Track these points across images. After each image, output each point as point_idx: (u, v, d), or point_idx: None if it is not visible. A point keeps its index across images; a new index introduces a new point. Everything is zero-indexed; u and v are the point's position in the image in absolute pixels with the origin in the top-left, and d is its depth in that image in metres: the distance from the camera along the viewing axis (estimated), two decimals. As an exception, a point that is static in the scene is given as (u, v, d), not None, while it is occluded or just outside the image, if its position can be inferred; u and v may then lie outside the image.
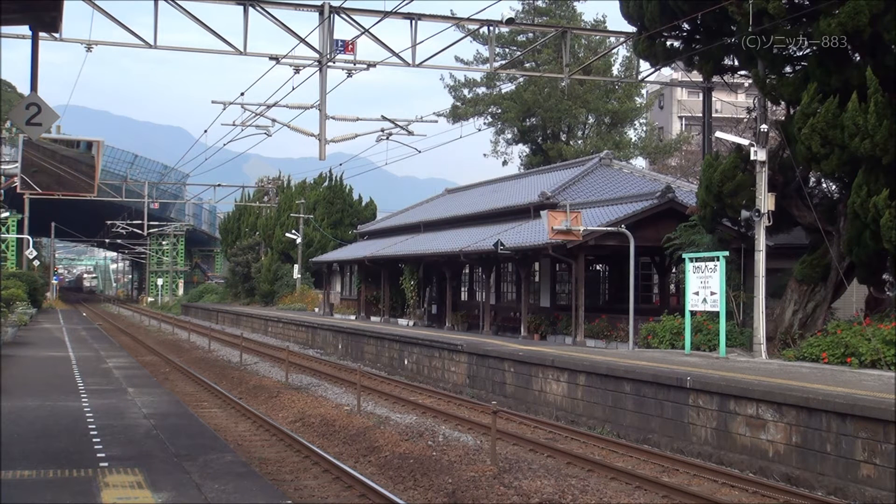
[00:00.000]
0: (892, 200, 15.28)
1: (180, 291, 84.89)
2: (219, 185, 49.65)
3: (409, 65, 21.58)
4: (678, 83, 41.05)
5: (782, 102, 18.81)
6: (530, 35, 45.13)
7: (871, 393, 12.11)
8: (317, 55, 20.40)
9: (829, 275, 18.04)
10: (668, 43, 20.47)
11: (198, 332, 42.46)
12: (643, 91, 48.92)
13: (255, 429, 16.17)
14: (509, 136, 50.03)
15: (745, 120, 27.95)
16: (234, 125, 27.15)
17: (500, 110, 48.15)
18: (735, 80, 26.80)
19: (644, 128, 49.75)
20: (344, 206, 56.35)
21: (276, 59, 20.72)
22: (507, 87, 46.92)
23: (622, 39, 25.34)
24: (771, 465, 12.38)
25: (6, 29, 13.25)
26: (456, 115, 47.70)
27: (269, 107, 24.57)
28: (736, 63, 20.19)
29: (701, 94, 27.03)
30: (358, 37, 20.72)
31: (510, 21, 27.16)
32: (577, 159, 35.57)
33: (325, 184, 58.07)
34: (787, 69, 18.22)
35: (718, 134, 21.20)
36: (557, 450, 14.15)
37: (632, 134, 49.05)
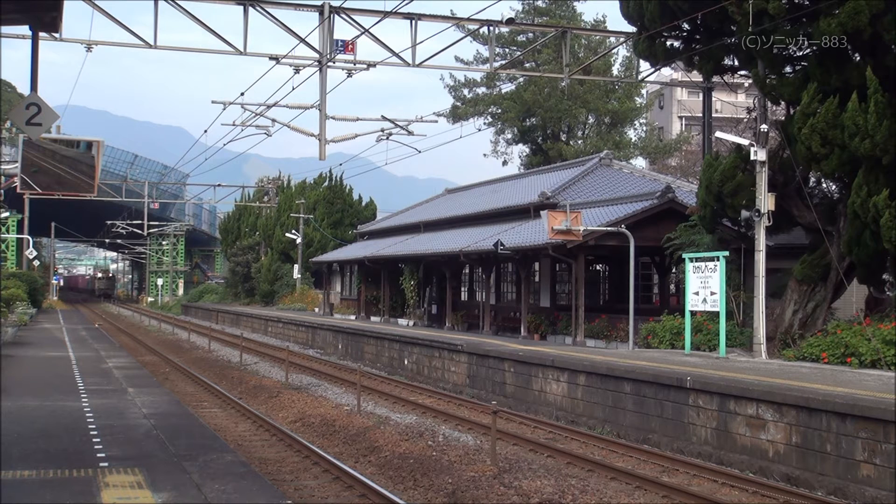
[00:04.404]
0: (892, 200, 15.28)
1: (180, 291, 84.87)
2: (219, 185, 49.68)
3: (409, 65, 21.58)
4: (678, 83, 41.03)
5: (782, 102, 18.80)
6: (530, 35, 45.13)
7: (871, 393, 12.11)
8: (317, 55, 20.41)
9: (829, 275, 18.04)
10: (668, 43, 20.46)
11: (198, 332, 42.45)
12: (643, 91, 48.89)
13: (255, 429, 16.17)
14: (509, 136, 50.04)
15: (745, 120, 27.94)
16: (234, 125, 27.20)
17: (500, 110, 48.14)
18: (735, 80, 26.79)
19: (644, 128, 49.74)
20: (344, 206, 56.30)
21: (276, 59, 20.73)
22: (507, 87, 46.97)
23: (622, 39, 25.36)
24: (771, 465, 12.38)
25: (6, 29, 13.24)
26: (456, 115, 47.70)
27: (269, 107, 24.59)
28: (736, 63, 20.18)
29: (701, 94, 27.03)
30: (358, 37, 20.74)
31: (510, 21, 27.17)
32: (577, 159, 35.57)
33: (325, 184, 58.01)
34: (787, 69, 18.21)
35: (718, 134, 21.20)
36: (557, 450, 14.15)
37: (632, 134, 49.07)
